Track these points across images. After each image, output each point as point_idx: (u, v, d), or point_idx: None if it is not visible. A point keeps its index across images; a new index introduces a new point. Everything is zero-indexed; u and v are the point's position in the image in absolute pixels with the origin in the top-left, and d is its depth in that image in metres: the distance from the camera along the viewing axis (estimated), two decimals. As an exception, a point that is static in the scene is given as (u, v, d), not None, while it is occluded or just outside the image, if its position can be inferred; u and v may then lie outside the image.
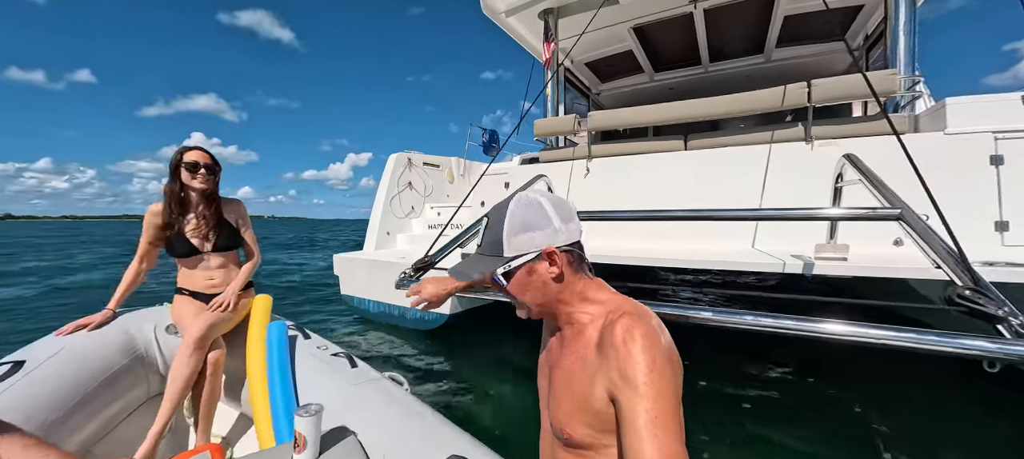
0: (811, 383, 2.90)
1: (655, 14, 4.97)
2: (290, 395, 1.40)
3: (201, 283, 1.80)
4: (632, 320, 0.68)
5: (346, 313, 5.10)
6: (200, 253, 1.78)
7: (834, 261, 2.34)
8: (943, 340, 0.89)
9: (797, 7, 4.82)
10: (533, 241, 0.74)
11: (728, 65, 6.37)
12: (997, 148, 2.67)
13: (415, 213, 5.91)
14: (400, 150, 5.92)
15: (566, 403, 0.74)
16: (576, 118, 3.96)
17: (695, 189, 3.42)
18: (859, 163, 2.01)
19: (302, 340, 1.73)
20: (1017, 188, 2.61)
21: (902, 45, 3.29)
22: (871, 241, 2.72)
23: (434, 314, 4.04)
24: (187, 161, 1.75)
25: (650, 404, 0.60)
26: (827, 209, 2.21)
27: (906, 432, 2.27)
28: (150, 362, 1.68)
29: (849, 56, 6.00)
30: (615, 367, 0.65)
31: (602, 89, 7.49)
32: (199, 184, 1.75)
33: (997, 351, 0.86)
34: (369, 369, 1.57)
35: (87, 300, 6.78)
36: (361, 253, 5.06)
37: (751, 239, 3.09)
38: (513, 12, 5.06)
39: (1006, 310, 0.91)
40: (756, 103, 3.23)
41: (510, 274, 0.76)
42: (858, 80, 2.97)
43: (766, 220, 1.72)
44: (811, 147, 3.11)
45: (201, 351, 1.57)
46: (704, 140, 3.51)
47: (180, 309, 1.74)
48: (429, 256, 1.84)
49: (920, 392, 2.75)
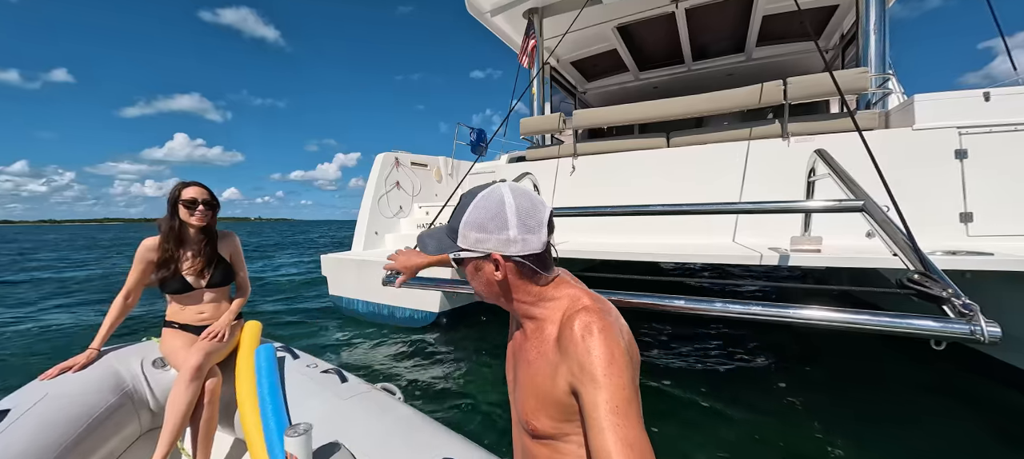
0: (779, 369, 3.01)
1: (638, 14, 5.05)
2: (281, 416, 1.42)
3: (191, 317, 1.80)
4: (590, 315, 0.70)
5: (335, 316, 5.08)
6: (194, 290, 1.78)
7: (808, 252, 2.43)
8: (894, 321, 0.96)
9: (775, 7, 4.95)
10: (482, 243, 0.74)
11: (710, 63, 6.49)
12: (961, 143, 2.80)
13: (403, 213, 5.92)
14: (389, 150, 5.92)
15: (530, 398, 0.76)
16: (561, 117, 4.01)
17: (677, 185, 3.50)
18: (829, 158, 2.09)
19: (291, 360, 1.76)
20: (980, 181, 2.74)
21: (872, 44, 3.42)
22: (844, 233, 2.83)
23: (423, 313, 4.07)
24: (185, 198, 1.74)
25: (610, 395, 0.62)
26: (798, 202, 2.30)
27: (863, 408, 2.38)
28: (140, 398, 1.66)
29: (826, 55, 6.17)
30: (575, 361, 0.67)
31: (588, 88, 7.57)
32: (197, 221, 1.75)
33: (940, 330, 0.93)
34: (360, 382, 1.60)
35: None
36: (349, 253, 5.05)
37: (731, 233, 3.18)
38: (498, 12, 5.09)
39: (950, 292, 0.98)
40: (735, 101, 3.32)
41: (461, 261, 0.79)
42: (820, 79, 3.08)
43: (742, 213, 1.80)
44: (788, 143, 3.21)
45: (199, 380, 1.58)
46: (686, 137, 3.60)
47: (170, 342, 1.74)
48: (415, 253, 1.87)
49: (874, 371, 2.88)
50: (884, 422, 2.32)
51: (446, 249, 0.78)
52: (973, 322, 0.90)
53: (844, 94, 1.92)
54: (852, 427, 2.26)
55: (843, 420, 2.33)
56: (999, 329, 0.87)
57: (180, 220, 1.75)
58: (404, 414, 1.36)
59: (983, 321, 0.89)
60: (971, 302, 0.94)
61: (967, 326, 0.91)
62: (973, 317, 0.91)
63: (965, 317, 0.93)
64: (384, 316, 4.38)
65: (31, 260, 15.16)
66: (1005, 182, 2.69)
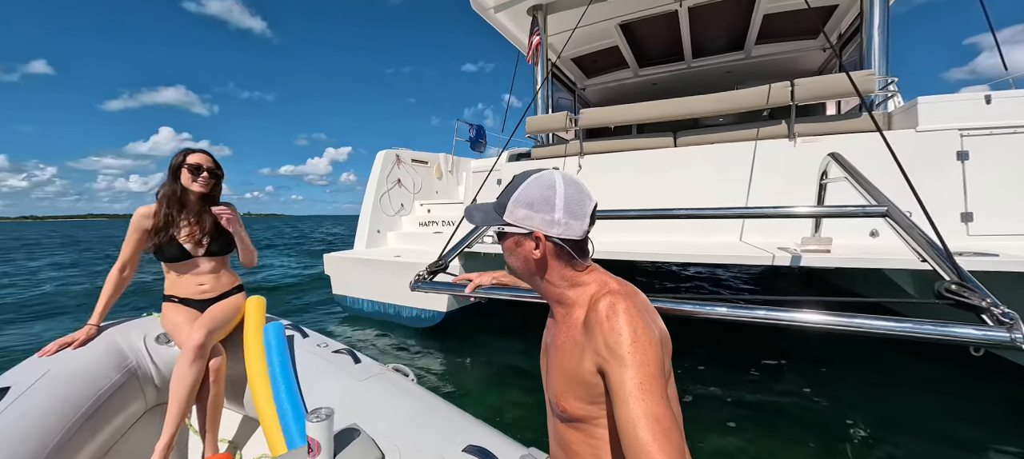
0: (796, 376, 3.08)
1: (642, 11, 5.06)
2: (296, 396, 1.39)
3: (191, 289, 1.76)
4: (615, 297, 0.73)
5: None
6: (192, 257, 1.74)
7: (819, 253, 2.48)
8: (937, 330, 0.99)
9: (777, 5, 4.99)
10: (529, 219, 0.78)
11: (709, 61, 6.54)
12: (963, 144, 2.87)
13: (405, 211, 5.88)
14: (381, 144, 5.94)
15: (560, 380, 0.79)
16: (568, 115, 4.01)
17: (685, 185, 3.54)
18: (844, 161, 2.13)
19: (300, 339, 1.72)
20: (980, 182, 2.82)
21: (876, 44, 3.47)
22: (849, 233, 2.90)
23: (431, 312, 4.07)
24: (190, 163, 1.71)
25: (634, 371, 0.64)
26: (817, 207, 2.34)
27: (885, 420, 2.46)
28: (144, 374, 1.64)
29: (823, 53, 6.26)
30: (601, 341, 0.70)
31: (587, 84, 7.57)
32: (200, 188, 1.73)
33: (983, 338, 0.96)
34: (373, 363, 1.56)
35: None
36: (353, 252, 5.01)
37: (739, 233, 3.23)
38: (502, 8, 5.05)
39: (989, 301, 1.02)
40: (742, 101, 3.35)
41: (503, 236, 0.84)
42: (838, 80, 3.13)
43: (760, 217, 1.83)
44: (794, 144, 3.26)
45: (202, 359, 1.55)
46: (693, 137, 3.63)
47: (172, 317, 1.69)
48: (442, 258, 1.87)
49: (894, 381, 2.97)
50: (894, 422, 2.39)
51: (491, 222, 0.83)
52: (1014, 330, 0.94)
53: (862, 96, 1.96)
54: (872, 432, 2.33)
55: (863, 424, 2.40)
56: (1041, 337, 0.91)
57: (182, 186, 1.71)
58: (423, 397, 1.33)
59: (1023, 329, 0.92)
60: (1011, 311, 0.97)
61: (1008, 334, 0.94)
62: (1014, 325, 0.95)
63: (1005, 325, 0.97)
64: (390, 315, 4.37)
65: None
66: (1004, 183, 2.78)
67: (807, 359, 3.22)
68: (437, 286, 1.72)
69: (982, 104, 2.87)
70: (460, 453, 1.05)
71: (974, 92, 2.97)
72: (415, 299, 4.10)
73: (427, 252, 4.31)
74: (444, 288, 1.64)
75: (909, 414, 2.44)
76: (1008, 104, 2.83)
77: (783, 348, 3.43)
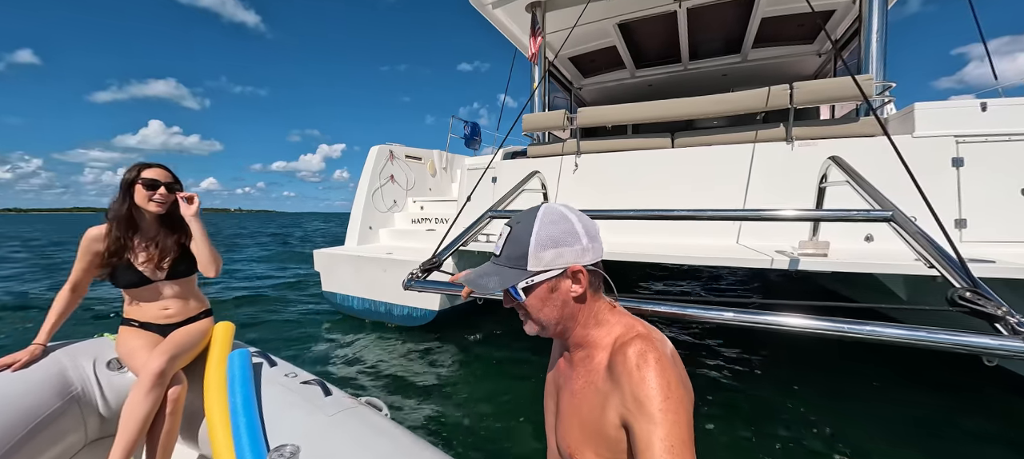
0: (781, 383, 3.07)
1: (641, 11, 5.03)
2: (256, 431, 1.27)
3: (154, 314, 1.62)
4: (645, 343, 0.66)
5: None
6: (152, 282, 1.59)
7: (816, 257, 2.46)
8: (951, 338, 0.96)
9: (775, 9, 5.00)
10: (561, 257, 0.71)
11: (706, 63, 6.54)
12: (958, 151, 2.88)
13: (397, 207, 5.80)
14: (375, 141, 5.82)
15: (575, 431, 0.72)
16: (566, 114, 3.97)
17: (682, 186, 3.51)
18: (845, 165, 2.11)
19: (268, 368, 1.59)
20: (975, 188, 2.83)
21: (874, 49, 3.48)
22: (845, 238, 2.90)
23: (423, 310, 4.00)
24: (145, 178, 1.55)
25: (665, 432, 0.58)
26: (819, 211, 2.32)
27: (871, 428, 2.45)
28: (88, 403, 1.49)
29: (818, 58, 6.29)
30: (628, 392, 0.63)
31: (584, 84, 7.54)
32: (156, 207, 1.57)
33: (998, 348, 0.93)
34: (344, 396, 1.47)
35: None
36: (343, 248, 4.92)
37: (736, 235, 3.22)
38: (500, 3, 4.99)
39: (1004, 310, 0.98)
40: (741, 103, 3.33)
41: (530, 289, 0.73)
42: (837, 83, 3.12)
43: (761, 220, 1.80)
44: (792, 147, 3.25)
45: (161, 388, 1.40)
46: (691, 138, 3.60)
47: (128, 342, 1.55)
48: (436, 256, 1.81)
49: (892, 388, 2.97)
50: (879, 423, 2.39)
51: (514, 280, 0.72)
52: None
53: (868, 99, 1.94)
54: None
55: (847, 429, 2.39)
56: (1060, 349, 0.88)
57: (135, 205, 1.56)
58: (394, 435, 1.25)
59: (1042, 340, 0.89)
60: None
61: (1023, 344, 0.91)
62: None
63: (1021, 334, 0.93)
64: (380, 313, 4.29)
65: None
66: (998, 190, 2.79)
67: (789, 363, 3.23)
68: (431, 285, 1.66)
69: (978, 111, 2.88)
70: None
71: (970, 100, 2.98)
72: (407, 297, 4.02)
73: (420, 249, 4.24)
74: (438, 288, 1.59)
75: (899, 421, 2.44)
76: (1004, 112, 2.84)
77: (767, 352, 3.43)
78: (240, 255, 12.89)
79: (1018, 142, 2.78)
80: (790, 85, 3.18)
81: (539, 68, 5.04)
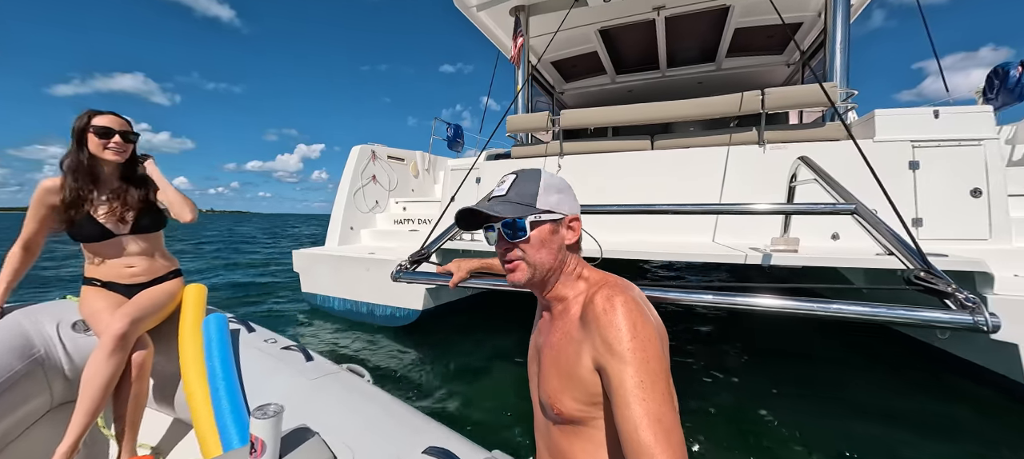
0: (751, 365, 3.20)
1: (621, 18, 5.18)
2: (237, 395, 1.25)
3: (117, 272, 1.52)
4: (612, 290, 0.71)
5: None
6: (115, 236, 1.50)
7: (787, 252, 2.59)
8: (908, 314, 1.04)
9: (747, 21, 5.23)
10: (563, 203, 0.80)
11: (683, 71, 6.77)
12: (914, 154, 3.09)
13: (379, 208, 5.74)
14: (355, 142, 5.73)
15: (554, 380, 0.76)
16: (549, 115, 4.05)
17: (661, 186, 3.63)
18: (813, 164, 2.24)
19: (246, 334, 1.56)
20: (929, 189, 3.04)
21: (838, 60, 3.70)
22: (813, 236, 3.06)
23: (406, 310, 3.97)
24: (97, 125, 1.44)
25: (635, 369, 0.61)
26: (789, 205, 2.44)
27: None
28: (53, 366, 1.44)
29: (787, 69, 6.61)
30: (598, 336, 0.67)
31: (566, 88, 7.67)
32: (112, 155, 1.47)
33: (948, 321, 1.02)
34: (326, 362, 1.45)
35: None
36: (324, 248, 4.85)
37: (712, 233, 3.34)
38: (484, 6, 5.05)
39: (953, 287, 1.08)
40: (717, 107, 3.48)
41: (536, 225, 0.77)
42: (806, 90, 3.31)
43: (736, 214, 1.91)
44: (763, 150, 3.41)
45: (123, 351, 1.35)
46: (670, 140, 3.73)
47: (92, 302, 1.47)
48: (425, 248, 1.82)
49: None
50: (832, 403, 2.52)
51: (523, 213, 0.77)
52: (977, 314, 1.00)
53: (835, 106, 2.08)
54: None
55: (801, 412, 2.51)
56: (1000, 320, 0.97)
57: (90, 154, 1.45)
58: (379, 399, 1.24)
59: (987, 313, 0.98)
60: (973, 295, 1.04)
61: (971, 317, 1.00)
62: (976, 309, 1.01)
63: (968, 309, 1.03)
64: (363, 313, 4.23)
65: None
66: (950, 191, 3.00)
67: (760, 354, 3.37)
68: (420, 276, 1.67)
69: (932, 118, 3.10)
70: (420, 455, 0.98)
71: (925, 108, 3.20)
72: (389, 297, 3.99)
73: (403, 250, 4.20)
74: (427, 278, 1.60)
75: (862, 405, 2.58)
76: (954, 119, 3.07)
77: (741, 343, 3.56)
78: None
79: (967, 147, 3.00)
80: (762, 91, 3.34)
81: (522, 71, 5.11)
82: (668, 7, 4.95)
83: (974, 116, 3.06)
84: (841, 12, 3.79)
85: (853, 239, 3.01)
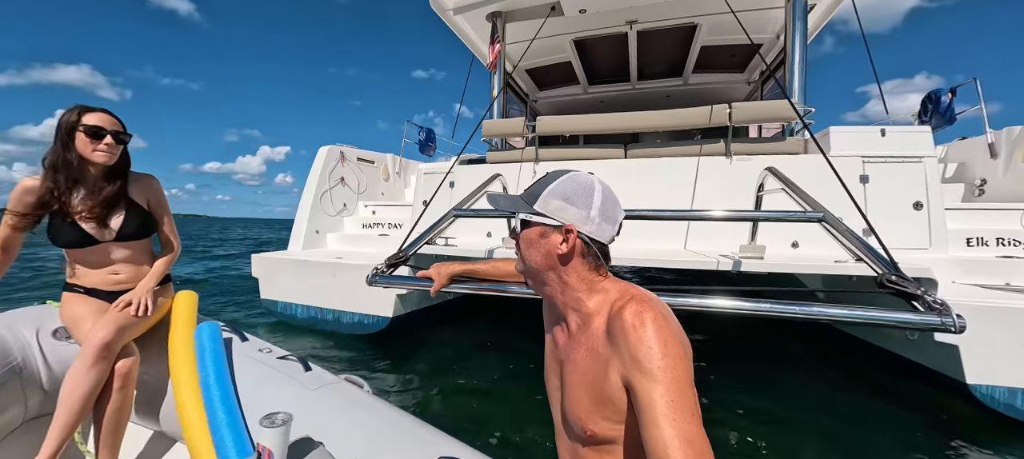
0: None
1: (595, 30, 5.30)
2: (233, 406, 1.18)
3: (101, 279, 1.44)
4: (640, 304, 0.68)
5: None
6: (98, 242, 1.42)
7: (755, 259, 2.70)
8: (882, 315, 1.09)
9: (713, 39, 5.50)
10: (563, 211, 0.76)
11: (652, 84, 7.02)
12: (864, 169, 3.31)
13: (347, 211, 5.53)
14: (323, 145, 5.47)
15: (583, 400, 0.73)
16: (525, 121, 4.05)
17: (634, 194, 3.69)
18: (780, 174, 2.35)
19: (240, 343, 1.50)
20: (878, 201, 3.27)
21: (797, 79, 3.95)
22: (776, 245, 3.20)
23: (375, 317, 3.81)
24: (88, 124, 1.36)
25: (665, 388, 0.60)
26: (761, 212, 2.54)
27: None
28: (30, 375, 1.36)
29: (748, 87, 7.00)
30: (627, 353, 0.65)
31: (540, 97, 7.75)
32: (102, 157, 1.38)
33: (917, 322, 1.07)
34: (325, 372, 1.41)
35: None
36: (287, 253, 4.59)
37: (683, 241, 3.44)
38: (461, 11, 5.01)
39: (921, 290, 1.14)
40: (687, 119, 3.61)
41: (526, 225, 0.80)
42: (769, 105, 3.49)
43: (707, 220, 1.98)
44: (730, 161, 3.56)
45: (107, 361, 1.26)
46: (642, 150, 3.83)
47: (73, 309, 1.39)
48: (402, 251, 1.74)
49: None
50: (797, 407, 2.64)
51: (519, 210, 0.79)
52: (944, 316, 1.05)
53: (803, 120, 2.19)
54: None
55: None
56: (966, 321, 1.03)
57: (78, 154, 1.36)
58: (383, 410, 1.22)
59: (954, 315, 1.04)
60: (941, 299, 1.09)
61: (939, 318, 1.06)
62: (944, 310, 1.06)
63: (936, 311, 1.08)
64: (328, 321, 4.03)
65: None
66: (896, 204, 3.24)
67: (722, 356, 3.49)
68: (397, 280, 1.59)
69: (879, 136, 3.35)
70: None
71: (873, 127, 3.45)
72: (357, 304, 3.82)
73: (372, 255, 4.06)
74: (405, 283, 1.52)
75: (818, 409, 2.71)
76: (899, 138, 3.33)
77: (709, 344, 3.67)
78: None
79: (910, 164, 3.26)
80: (729, 105, 3.49)
81: (498, 76, 5.11)
82: (640, 21, 5.12)
83: (915, 135, 3.34)
84: (799, 34, 4.05)
85: (813, 247, 3.18)
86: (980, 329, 2.26)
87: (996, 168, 4.48)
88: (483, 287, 1.27)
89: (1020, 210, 3.50)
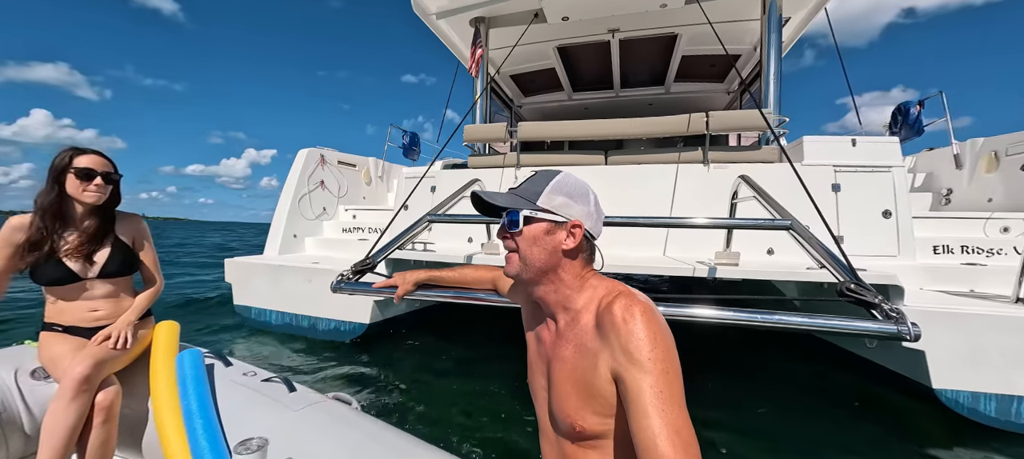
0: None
1: (579, 37, 5.34)
2: (216, 433, 1.18)
3: (80, 316, 1.44)
4: (629, 299, 0.69)
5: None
6: (80, 280, 1.42)
7: (729, 266, 2.73)
8: (840, 323, 1.09)
9: (693, 49, 5.60)
10: (568, 207, 0.77)
11: (635, 92, 7.11)
12: (836, 178, 3.39)
13: (327, 215, 5.44)
14: (312, 147, 5.38)
15: (572, 397, 0.73)
16: (506, 126, 4.05)
17: (614, 200, 3.71)
18: (752, 183, 2.38)
19: (223, 368, 1.49)
20: (849, 209, 3.35)
21: (772, 90, 4.04)
22: (751, 251, 3.25)
23: (351, 324, 3.74)
24: (79, 166, 1.38)
25: (655, 379, 0.61)
26: (730, 219, 2.57)
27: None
28: (10, 418, 1.33)
29: (727, 96, 7.15)
30: (617, 345, 0.65)
31: (524, 102, 7.77)
32: (92, 197, 1.40)
33: (876, 330, 1.08)
34: (310, 392, 1.40)
35: None
36: (261, 257, 4.48)
37: (662, 247, 3.46)
38: (444, 15, 5.00)
39: (879, 299, 1.15)
40: (666, 127, 3.66)
41: (530, 221, 0.77)
42: (745, 115, 3.55)
43: (682, 227, 2.00)
44: (708, 169, 3.60)
45: (87, 395, 1.25)
46: (622, 157, 3.85)
47: (52, 348, 1.38)
48: (370, 258, 1.70)
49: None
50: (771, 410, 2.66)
51: (521, 206, 0.77)
52: (900, 324, 1.06)
53: (774, 131, 2.22)
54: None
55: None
56: (921, 329, 1.04)
57: (65, 194, 1.39)
58: (366, 426, 1.21)
59: (909, 323, 1.05)
60: (897, 307, 1.11)
61: (895, 327, 1.07)
62: (900, 319, 1.07)
63: (892, 319, 1.09)
64: (304, 328, 3.93)
65: None
66: (865, 212, 3.33)
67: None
68: (362, 287, 1.56)
69: (850, 146, 3.43)
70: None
71: (844, 137, 3.55)
72: (333, 310, 3.74)
73: (351, 260, 3.99)
74: (370, 291, 1.48)
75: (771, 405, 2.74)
76: (869, 148, 3.42)
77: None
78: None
79: (879, 173, 3.35)
80: (706, 114, 3.55)
81: (480, 80, 5.10)
82: (623, 30, 5.18)
83: (884, 146, 3.43)
84: (774, 47, 4.15)
85: (787, 254, 3.23)
86: (944, 335, 2.32)
87: (961, 178, 4.65)
88: (448, 294, 1.24)
89: (984, 219, 3.63)
